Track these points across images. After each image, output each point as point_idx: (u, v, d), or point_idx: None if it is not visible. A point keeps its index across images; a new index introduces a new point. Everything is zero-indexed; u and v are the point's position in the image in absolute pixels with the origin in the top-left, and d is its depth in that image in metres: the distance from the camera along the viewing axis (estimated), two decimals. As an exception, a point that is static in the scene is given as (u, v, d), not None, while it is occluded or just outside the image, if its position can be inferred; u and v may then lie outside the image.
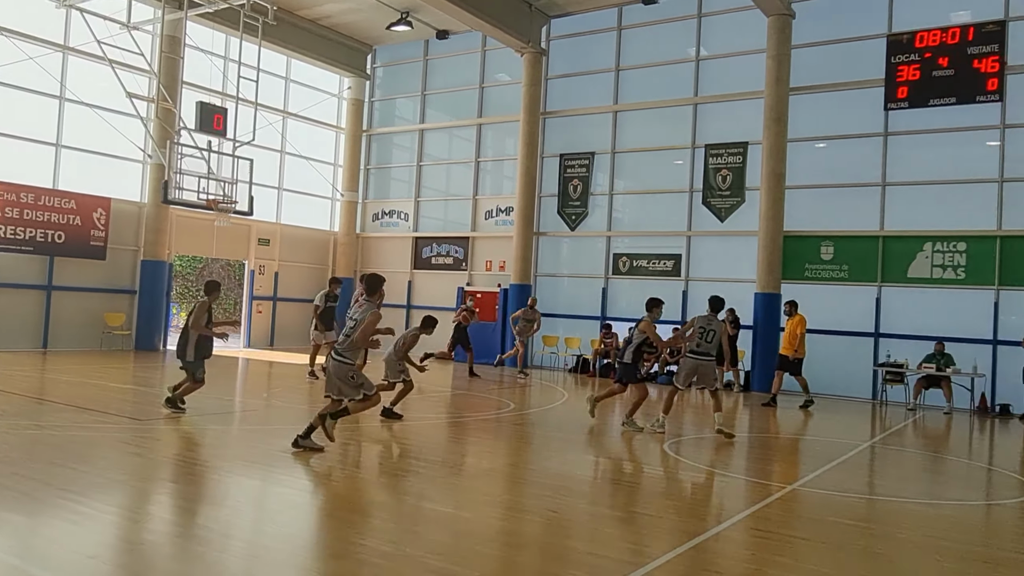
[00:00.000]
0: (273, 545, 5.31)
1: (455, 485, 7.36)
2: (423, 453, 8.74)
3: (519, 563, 5.18)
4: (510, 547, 5.51)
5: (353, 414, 8.37)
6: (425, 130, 24.08)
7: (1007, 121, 15.79)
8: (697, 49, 19.45)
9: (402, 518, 6.11)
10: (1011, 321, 15.54)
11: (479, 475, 7.86)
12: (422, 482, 7.37)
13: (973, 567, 5.55)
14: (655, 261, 19.66)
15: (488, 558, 5.23)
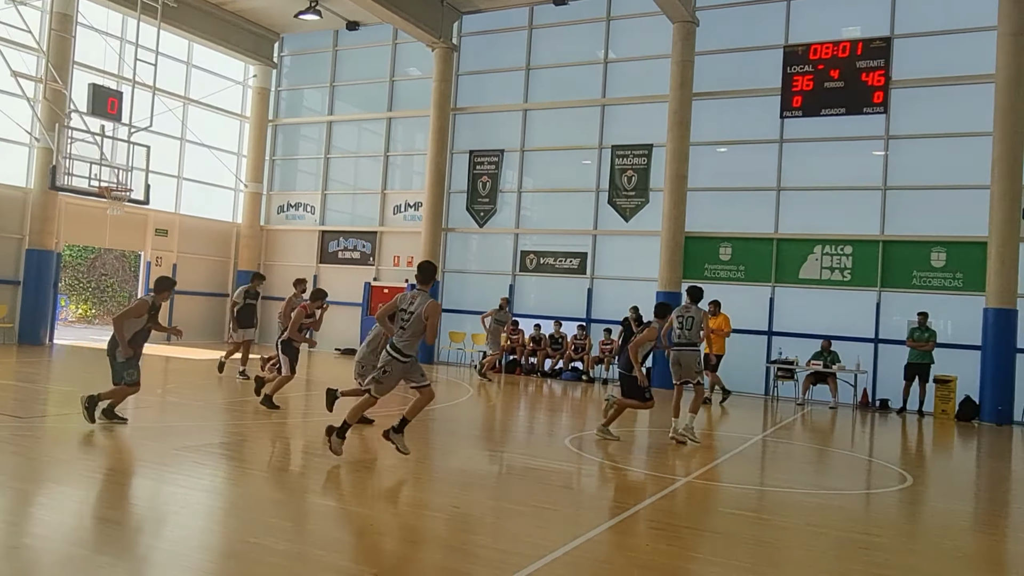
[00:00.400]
0: (164, 546, 5.15)
1: (356, 482, 7.30)
2: (323, 451, 8.61)
3: (419, 559, 5.20)
4: (410, 543, 5.51)
5: (414, 416, 7.85)
6: (333, 122, 23.68)
7: (891, 132, 16.74)
8: (606, 52, 19.83)
9: (299, 516, 6.03)
10: (891, 321, 16.49)
11: (380, 471, 7.81)
12: (322, 479, 7.28)
13: (850, 551, 5.88)
14: (561, 259, 19.95)
15: (387, 554, 5.22)
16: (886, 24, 16.87)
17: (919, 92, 16.59)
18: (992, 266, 15.05)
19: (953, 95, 16.32)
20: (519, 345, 19.19)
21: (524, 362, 19.06)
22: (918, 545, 6.26)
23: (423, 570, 4.96)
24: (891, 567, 5.57)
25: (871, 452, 11.58)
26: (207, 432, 9.14)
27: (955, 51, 16.28)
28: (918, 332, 15.04)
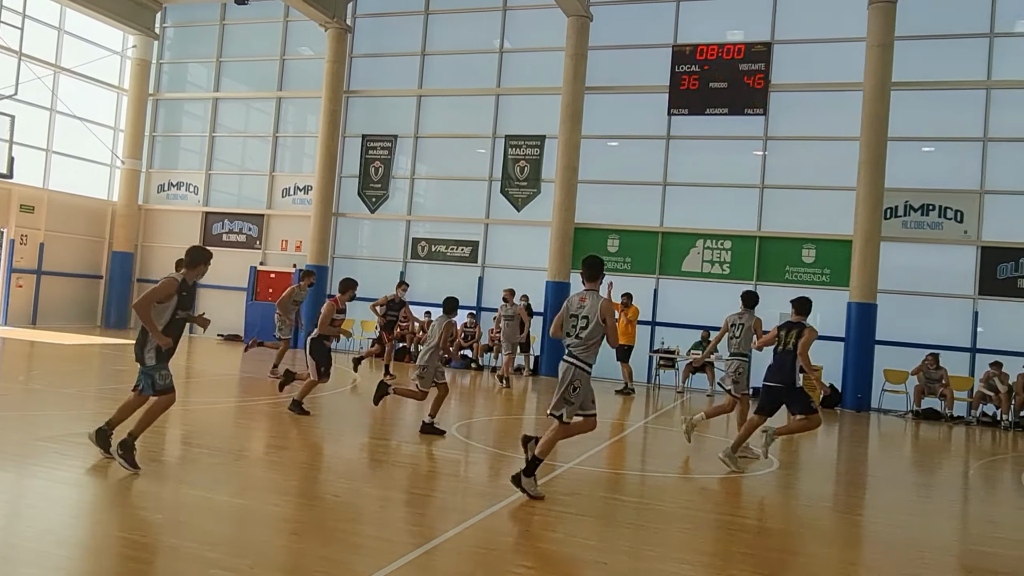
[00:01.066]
0: (22, 544, 4.87)
1: (234, 472, 7.10)
2: (202, 439, 8.35)
3: (298, 549, 5.12)
4: (290, 534, 5.42)
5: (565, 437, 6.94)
6: (219, 99, 22.79)
7: (769, 134, 17.56)
8: (501, 41, 19.90)
9: (172, 508, 5.82)
10: (768, 312, 17.30)
11: (260, 461, 7.64)
12: (197, 470, 7.05)
13: (718, 533, 6.19)
14: (453, 247, 19.95)
15: (266, 546, 5.12)
16: (767, 30, 17.65)
17: (795, 96, 17.47)
18: (856, 263, 16.06)
19: (825, 101, 17.27)
20: (409, 333, 19.08)
21: (413, 349, 18.97)
22: (785, 526, 6.64)
23: (302, 561, 4.89)
24: (761, 547, 5.89)
25: (743, 438, 12.15)
26: (74, 421, 8.68)
27: (829, 59, 17.22)
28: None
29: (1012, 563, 6.03)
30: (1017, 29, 16.40)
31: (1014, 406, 14.62)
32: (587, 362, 6.69)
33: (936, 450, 12.20)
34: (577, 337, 6.66)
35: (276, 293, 20.39)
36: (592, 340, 6.65)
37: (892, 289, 16.14)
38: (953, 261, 16.28)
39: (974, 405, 15.02)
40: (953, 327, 16.10)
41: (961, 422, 14.93)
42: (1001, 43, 16.26)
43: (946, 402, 15.06)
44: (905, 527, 7.13)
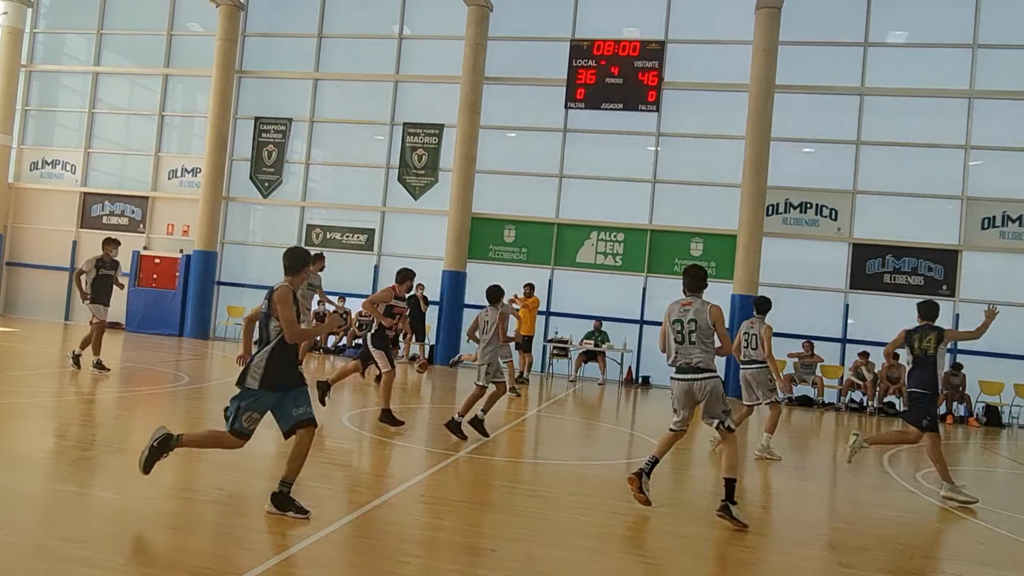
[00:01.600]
0: None
1: (109, 467, 6.81)
2: (76, 433, 7.95)
3: (177, 545, 4.96)
4: (169, 529, 5.25)
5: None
6: (100, 73, 21.60)
7: (662, 130, 18.09)
8: (400, 27, 19.67)
9: (40, 505, 5.53)
10: (657, 304, 17.91)
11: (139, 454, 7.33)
12: (70, 465, 6.72)
13: (607, 518, 6.38)
14: (349, 234, 19.66)
15: (142, 542, 4.94)
16: (662, 29, 18.15)
17: (687, 95, 18.05)
18: (740, 257, 16.80)
19: (715, 100, 17.92)
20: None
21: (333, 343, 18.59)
22: (670, 509, 6.89)
23: (181, 557, 4.75)
24: (647, 531, 6.11)
25: (632, 426, 12.56)
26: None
27: (718, 60, 17.87)
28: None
29: (873, 540, 6.48)
30: (888, 40, 17.46)
31: (879, 393, 15.66)
32: (712, 368, 6.45)
33: (808, 435, 12.93)
34: (691, 343, 6.38)
35: (161, 280, 19.59)
36: (704, 346, 6.42)
37: (772, 282, 16.95)
38: (827, 256, 17.25)
39: (843, 392, 16.00)
40: (826, 318, 17.07)
41: (831, 408, 15.88)
42: (874, 52, 17.28)
43: (818, 390, 15.98)
44: (779, 508, 7.55)
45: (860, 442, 8.37)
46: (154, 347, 16.27)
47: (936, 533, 7.10)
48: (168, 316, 19.27)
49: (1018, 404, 15.67)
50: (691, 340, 6.36)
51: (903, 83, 17.09)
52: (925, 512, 7.73)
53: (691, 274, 6.65)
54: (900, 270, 16.80)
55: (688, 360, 6.40)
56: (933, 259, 16.69)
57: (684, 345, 6.40)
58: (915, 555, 6.17)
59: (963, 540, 6.85)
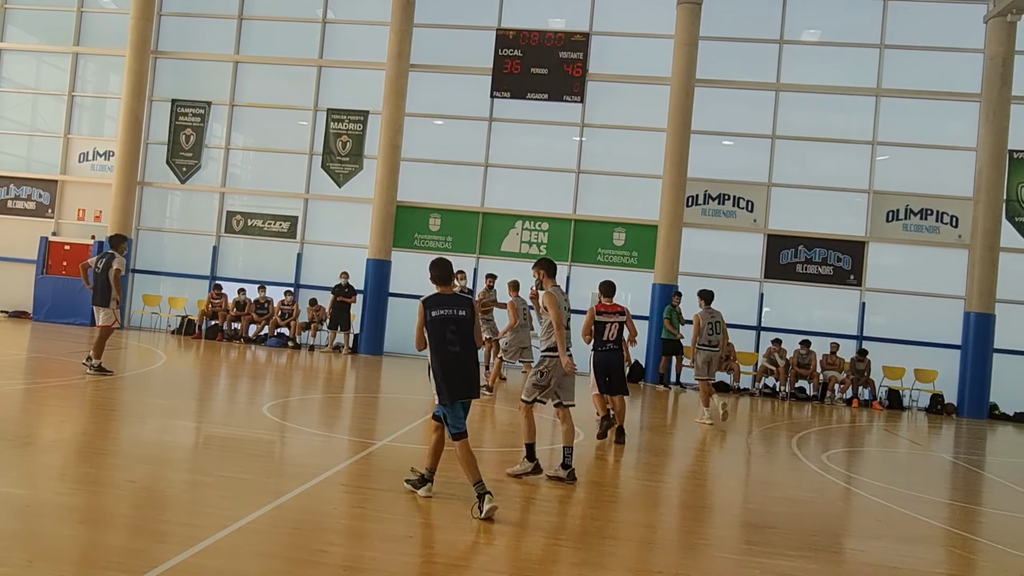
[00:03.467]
0: None
1: (15, 460, 6.58)
2: (-21, 426, 7.64)
3: (87, 539, 4.86)
4: (77, 523, 5.12)
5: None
6: (4, 50, 20.55)
7: (586, 121, 18.31)
8: (324, 10, 19.33)
9: (-58, 501, 5.33)
10: (579, 292, 18.16)
11: (48, 447, 7.12)
12: (-26, 459, 6.47)
13: (522, 503, 6.49)
14: (271, 222, 19.28)
15: (49, 537, 4.82)
16: (586, 20, 18.34)
17: (611, 86, 18.30)
18: (660, 247, 17.20)
19: (638, 92, 18.22)
20: (221, 310, 18.30)
21: (227, 327, 18.22)
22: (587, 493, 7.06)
23: (91, 552, 4.66)
24: (562, 515, 6.25)
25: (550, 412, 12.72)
26: None
27: (641, 53, 18.16)
28: (669, 310, 16.51)
29: (784, 519, 6.79)
30: (803, 37, 18.07)
31: (790, 379, 16.30)
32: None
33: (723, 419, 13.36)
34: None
35: (71, 267, 18.87)
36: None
37: (692, 272, 17.40)
38: (744, 247, 17.81)
39: (757, 378, 16.60)
40: (742, 307, 17.63)
41: (746, 393, 16.45)
42: (789, 49, 17.86)
43: (734, 375, 16.53)
44: (692, 490, 7.83)
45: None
46: (63, 337, 15.69)
47: (838, 511, 7.48)
48: (79, 305, 18.53)
49: (917, 388, 16.54)
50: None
51: (816, 80, 17.73)
52: (829, 491, 8.14)
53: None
54: (811, 260, 17.47)
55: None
56: (842, 250, 17.41)
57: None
58: (817, 532, 6.50)
59: (862, 517, 7.24)
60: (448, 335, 5.97)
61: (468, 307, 6.07)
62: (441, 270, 6.18)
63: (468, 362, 6.06)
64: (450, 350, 5.96)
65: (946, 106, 17.49)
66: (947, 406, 16.22)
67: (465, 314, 6.04)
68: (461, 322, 6.01)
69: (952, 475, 10.01)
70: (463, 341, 6.02)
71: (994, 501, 8.72)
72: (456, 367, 5.97)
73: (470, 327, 6.05)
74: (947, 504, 8.18)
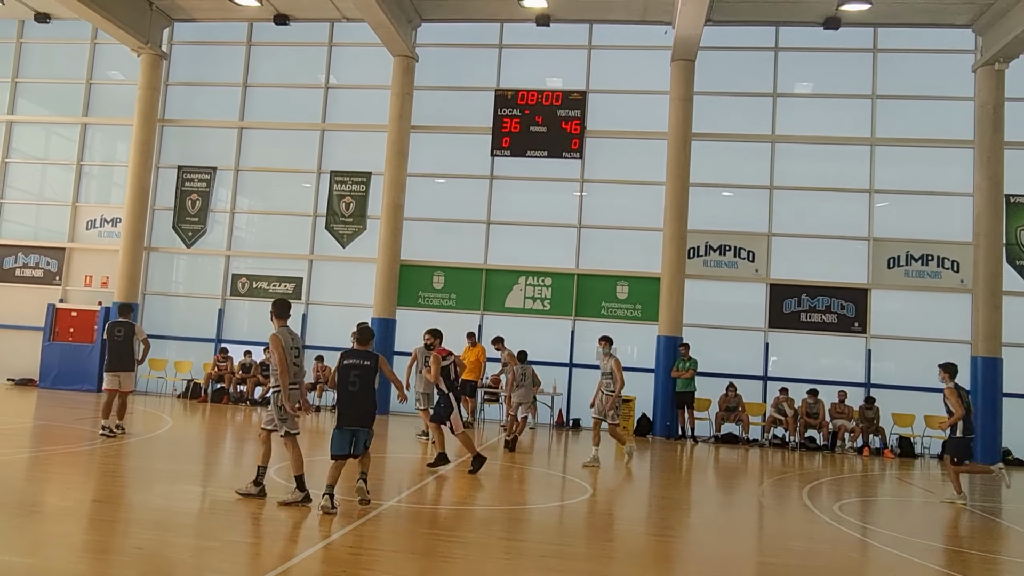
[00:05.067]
0: None
1: (21, 528, 6.55)
2: (-14, 495, 7.62)
3: (93, 608, 4.83)
4: (85, 592, 5.10)
5: None
6: (15, 122, 21.03)
7: (586, 176, 18.57)
8: (327, 77, 19.80)
9: (-51, 573, 5.30)
10: (585, 347, 18.18)
11: (55, 516, 7.09)
12: (-19, 529, 6.45)
13: (537, 561, 6.44)
14: (276, 283, 19.43)
15: (56, 607, 4.79)
16: (583, 79, 18.74)
17: (609, 142, 18.60)
18: (663, 299, 17.26)
19: (635, 147, 18.52)
20: (227, 372, 18.32)
21: (232, 390, 18.21)
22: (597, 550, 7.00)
23: (98, 619, 4.63)
24: (574, 572, 6.19)
25: (564, 468, 12.66)
26: None
27: (638, 109, 18.51)
28: (681, 363, 16.55)
29: (798, 571, 6.71)
30: (796, 90, 18.43)
31: (799, 428, 16.18)
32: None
33: (734, 472, 13.25)
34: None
35: (78, 333, 18.98)
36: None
37: (696, 323, 17.43)
38: (747, 297, 17.86)
39: (766, 428, 16.48)
40: (748, 357, 17.61)
41: (756, 444, 16.32)
42: (783, 102, 18.20)
43: (743, 426, 16.42)
44: (705, 544, 7.74)
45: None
46: (70, 404, 15.68)
47: (851, 563, 7.38)
48: (85, 371, 18.59)
49: (928, 435, 16.39)
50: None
51: (811, 131, 18.01)
52: (842, 542, 8.03)
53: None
54: (815, 308, 17.50)
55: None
56: (845, 297, 17.45)
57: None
58: (831, 584, 6.41)
59: (876, 568, 7.14)
60: (351, 378, 7.77)
61: (373, 359, 7.90)
62: (362, 334, 8.19)
63: (364, 400, 7.81)
64: (349, 389, 7.77)
65: (941, 153, 17.73)
66: (959, 452, 16.02)
67: (369, 363, 7.87)
68: (364, 369, 7.84)
69: (968, 523, 9.87)
70: (362, 383, 7.78)
71: (1011, 549, 8.59)
72: (349, 402, 7.79)
73: (372, 374, 7.87)
74: (963, 553, 8.06)
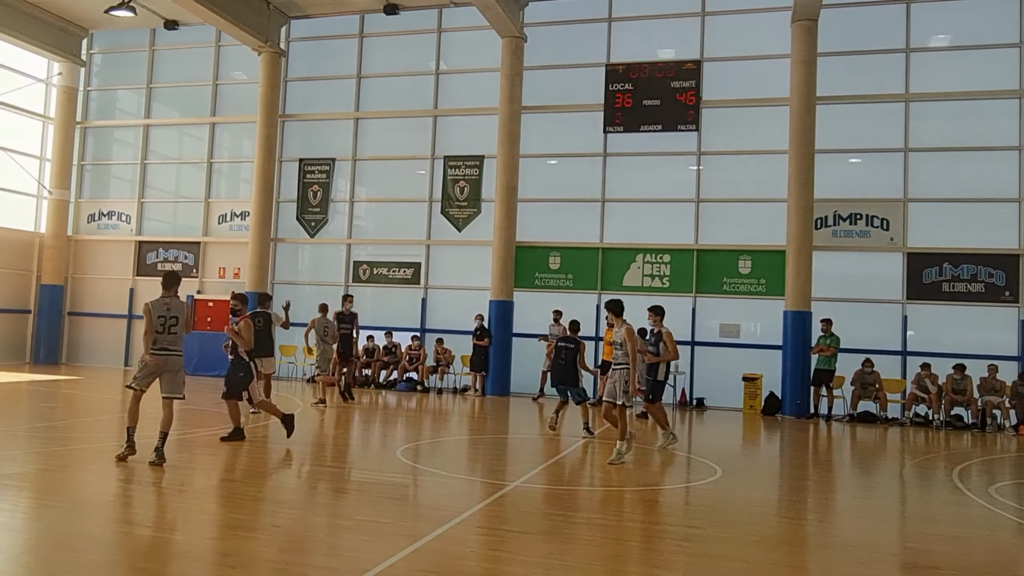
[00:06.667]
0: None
1: (170, 507, 6.90)
2: (135, 476, 8.09)
3: (236, 583, 4.99)
4: (227, 568, 5.28)
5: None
6: (151, 126, 22.33)
7: (703, 149, 17.95)
8: (437, 63, 19.96)
9: (105, 547, 5.62)
10: (706, 325, 17.65)
11: (199, 495, 7.44)
12: (132, 506, 6.84)
13: (662, 544, 6.24)
14: (395, 269, 19.84)
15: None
16: (697, 48, 18.09)
17: (726, 112, 17.89)
18: (790, 272, 16.48)
19: (755, 116, 17.73)
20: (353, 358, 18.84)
21: (358, 374, 18.75)
22: (727, 533, 6.72)
23: (241, 595, 4.79)
24: (706, 556, 5.96)
25: (689, 448, 12.32)
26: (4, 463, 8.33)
27: (756, 76, 17.71)
28: (823, 339, 15.88)
29: (948, 558, 6.22)
30: (932, 44, 17.14)
31: (944, 406, 15.13)
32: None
33: (873, 452, 12.53)
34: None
35: (215, 322, 20.01)
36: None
37: (825, 296, 16.58)
38: (881, 267, 16.83)
39: (907, 406, 15.50)
40: (884, 331, 16.61)
41: (895, 423, 15.38)
42: (917, 58, 16.96)
43: (880, 404, 15.51)
44: (844, 528, 7.30)
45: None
46: (210, 389, 16.54)
47: (1013, 549, 6.78)
48: (223, 358, 19.55)
49: (1094, 411, 14.97)
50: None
51: (949, 87, 16.71)
52: (1001, 528, 7.41)
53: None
54: (959, 278, 16.29)
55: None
56: (993, 264, 16.14)
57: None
58: (992, 571, 5.89)
59: (1045, 556, 6.53)
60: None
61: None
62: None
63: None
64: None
65: (1102, 102, 16.08)
66: None
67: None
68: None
69: None
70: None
71: None
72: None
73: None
74: None
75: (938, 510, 8.32)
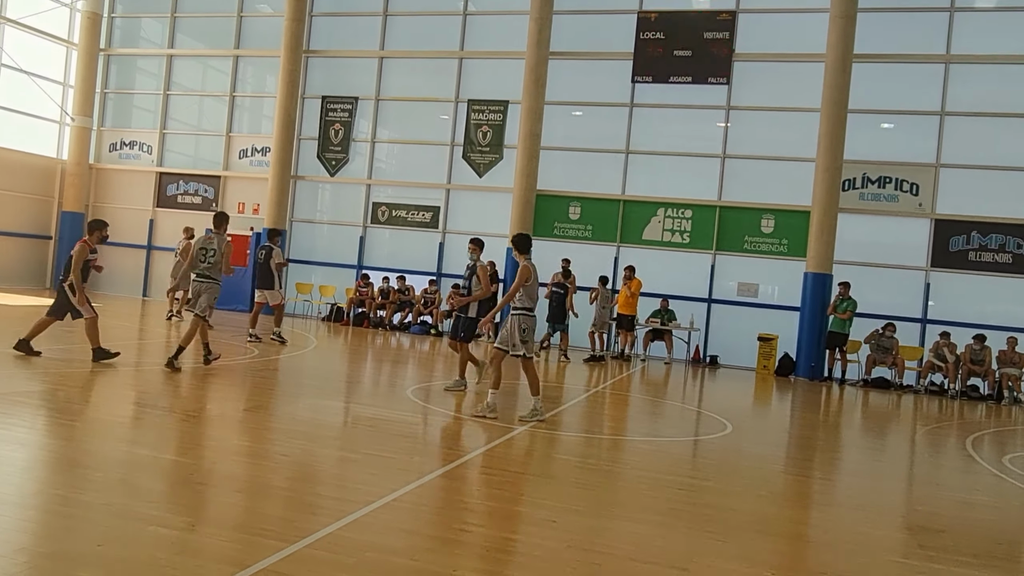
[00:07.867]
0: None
1: (181, 432, 6.96)
2: (152, 400, 8.17)
3: (242, 507, 5.02)
4: (234, 492, 5.32)
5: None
6: (174, 56, 22.13)
7: (732, 103, 17.55)
8: (465, 3, 19.55)
9: (115, 467, 5.67)
10: (724, 283, 17.49)
11: (209, 421, 7.49)
12: (144, 429, 6.90)
13: (668, 493, 6.23)
14: (414, 212, 19.74)
15: (208, 504, 5.02)
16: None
17: (759, 66, 17.45)
18: (813, 233, 16.22)
19: (788, 71, 17.29)
20: (368, 298, 18.91)
21: (372, 315, 18.81)
22: (735, 487, 6.70)
23: (245, 519, 4.81)
24: (712, 507, 5.94)
25: (699, 403, 12.30)
26: (21, 382, 8.43)
27: (792, 29, 17.21)
28: (841, 302, 15.61)
29: (952, 522, 6.17)
30: (977, 4, 16.54)
31: (961, 376, 14.97)
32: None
33: (885, 416, 12.45)
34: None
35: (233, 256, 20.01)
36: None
37: (847, 260, 16.34)
38: (907, 233, 16.53)
39: (923, 374, 15.35)
40: (905, 298, 16.39)
41: (910, 391, 15.26)
42: (961, 17, 16.39)
43: (897, 371, 15.37)
44: (853, 488, 7.26)
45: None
46: (224, 322, 16.65)
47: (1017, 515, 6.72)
48: (239, 292, 19.69)
49: (1114, 389, 14.78)
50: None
51: (993, 50, 16.17)
52: (1012, 497, 7.34)
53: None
54: (987, 247, 15.98)
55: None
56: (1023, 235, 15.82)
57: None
58: (1002, 539, 5.84)
59: (1055, 526, 6.46)
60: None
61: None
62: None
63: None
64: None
65: None
66: None
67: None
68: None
69: None
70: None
71: None
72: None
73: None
74: None
75: (949, 476, 8.26)
